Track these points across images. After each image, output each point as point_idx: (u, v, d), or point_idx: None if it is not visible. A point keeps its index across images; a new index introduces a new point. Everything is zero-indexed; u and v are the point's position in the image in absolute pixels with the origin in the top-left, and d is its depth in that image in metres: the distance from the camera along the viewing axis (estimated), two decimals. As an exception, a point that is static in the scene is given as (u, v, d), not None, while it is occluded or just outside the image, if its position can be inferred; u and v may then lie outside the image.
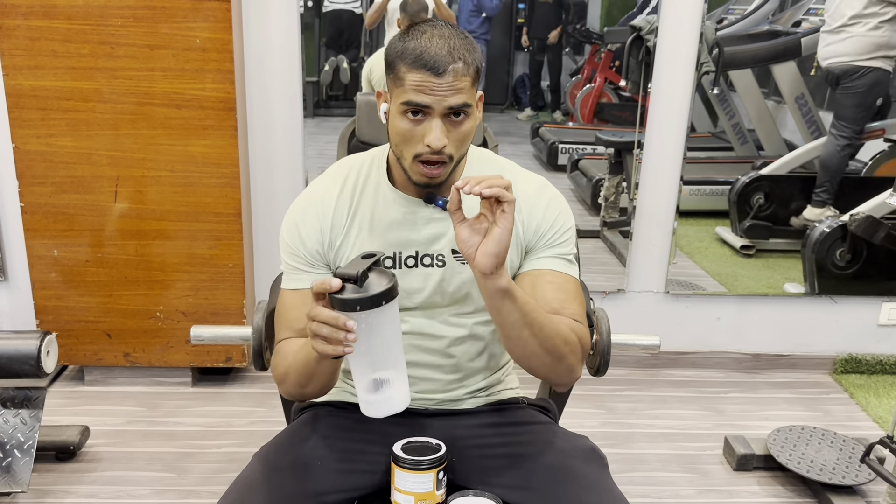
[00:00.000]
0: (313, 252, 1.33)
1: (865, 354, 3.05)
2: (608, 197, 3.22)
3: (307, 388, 1.27)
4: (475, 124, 1.25)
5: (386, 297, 1.06)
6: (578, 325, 1.29)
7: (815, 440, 2.42)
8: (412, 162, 1.23)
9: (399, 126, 1.22)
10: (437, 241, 1.34)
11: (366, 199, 1.34)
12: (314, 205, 1.34)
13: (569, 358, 1.25)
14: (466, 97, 1.20)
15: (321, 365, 1.19)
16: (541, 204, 1.35)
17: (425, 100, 1.18)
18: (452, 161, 1.24)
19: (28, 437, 2.07)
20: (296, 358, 1.25)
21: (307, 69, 2.74)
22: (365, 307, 1.05)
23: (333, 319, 1.05)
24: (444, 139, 1.20)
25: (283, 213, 1.38)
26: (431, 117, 1.19)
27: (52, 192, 2.53)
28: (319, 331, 1.07)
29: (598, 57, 3.53)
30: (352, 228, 1.33)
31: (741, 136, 3.38)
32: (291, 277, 1.34)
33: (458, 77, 1.18)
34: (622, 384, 2.94)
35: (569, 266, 1.35)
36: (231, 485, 1.28)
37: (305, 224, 1.33)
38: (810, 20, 3.17)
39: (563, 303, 1.30)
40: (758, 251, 3.23)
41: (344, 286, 1.06)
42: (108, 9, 2.37)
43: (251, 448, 1.40)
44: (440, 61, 1.16)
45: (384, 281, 1.07)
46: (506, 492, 1.29)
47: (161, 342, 2.70)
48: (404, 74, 1.19)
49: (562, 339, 1.23)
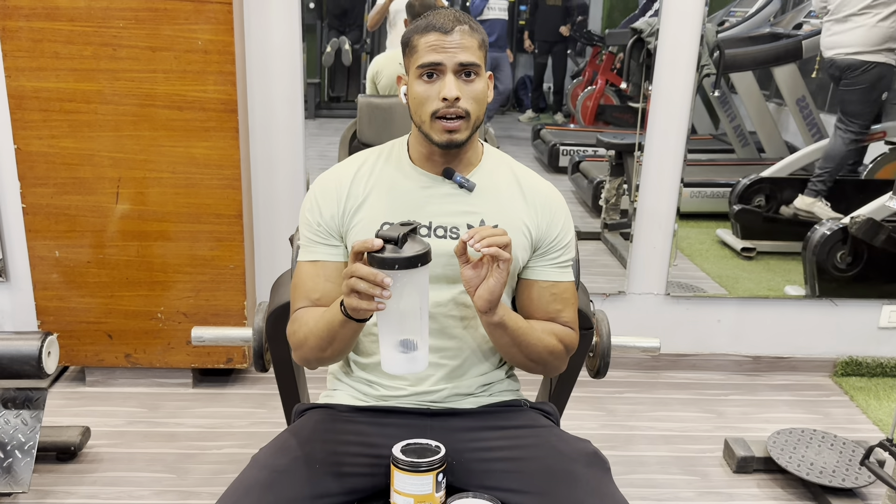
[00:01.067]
0: (329, 220, 1.38)
1: (866, 357, 3.05)
2: (609, 199, 3.22)
3: (326, 352, 1.32)
4: (486, 88, 1.34)
5: (422, 259, 1.13)
6: (568, 331, 1.42)
7: (815, 443, 2.42)
8: (431, 122, 1.31)
9: (416, 91, 1.32)
10: (453, 216, 1.37)
11: (385, 173, 1.40)
12: (333, 178, 1.41)
13: (553, 363, 1.40)
14: (475, 57, 1.30)
15: (345, 328, 1.24)
16: (551, 208, 1.42)
17: (437, 57, 1.28)
18: (470, 118, 1.31)
19: (29, 438, 2.07)
20: (318, 323, 1.30)
21: (308, 70, 2.74)
22: (402, 266, 1.12)
23: (372, 275, 1.12)
24: (458, 91, 1.28)
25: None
26: (444, 75, 1.29)
27: (53, 193, 2.54)
28: (357, 286, 1.13)
29: (599, 59, 3.53)
30: (368, 198, 1.38)
31: (742, 139, 3.38)
32: (307, 250, 1.40)
33: (465, 36, 1.29)
34: (622, 386, 2.94)
35: (568, 273, 1.43)
36: (229, 486, 1.28)
37: (324, 194, 1.40)
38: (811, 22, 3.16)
39: (559, 312, 1.41)
40: (758, 253, 3.23)
41: (383, 248, 1.13)
42: (110, 11, 2.38)
43: (251, 449, 1.40)
44: (448, 23, 1.29)
45: (419, 247, 1.15)
46: (506, 495, 1.29)
47: (162, 343, 2.70)
48: (417, 41, 1.30)
49: (548, 351, 1.36)
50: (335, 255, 1.38)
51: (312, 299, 1.37)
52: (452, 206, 1.38)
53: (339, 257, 1.39)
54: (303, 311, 1.37)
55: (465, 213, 1.37)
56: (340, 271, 1.37)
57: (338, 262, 1.38)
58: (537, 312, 1.41)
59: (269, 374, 1.68)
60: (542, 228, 1.40)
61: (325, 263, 1.38)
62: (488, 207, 1.38)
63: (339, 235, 1.38)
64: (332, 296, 1.35)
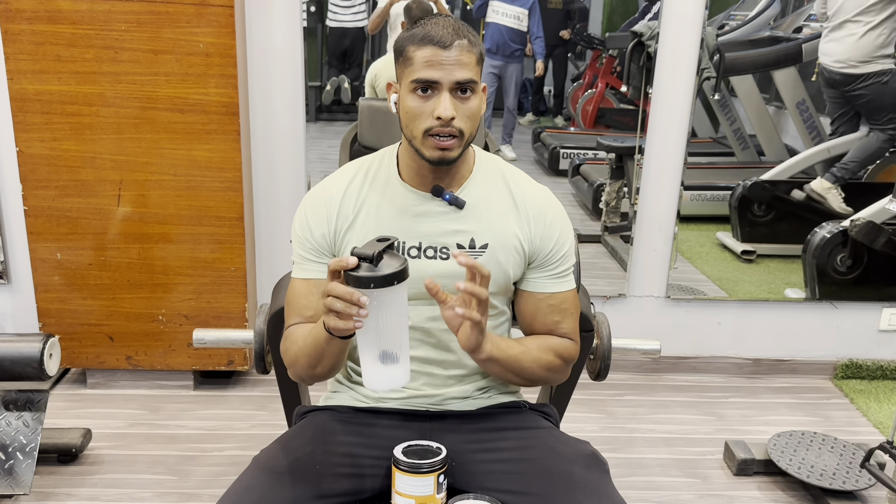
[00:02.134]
0: (320, 239, 1.36)
1: (866, 360, 3.05)
2: (609, 202, 3.23)
3: (317, 369, 1.31)
4: (481, 105, 1.31)
5: (398, 277, 1.12)
6: (567, 343, 1.41)
7: (815, 445, 2.42)
8: (423, 138, 1.27)
9: (409, 105, 1.27)
10: (443, 235, 1.36)
11: (374, 191, 1.37)
12: (323, 196, 1.39)
13: (552, 378, 1.41)
14: (472, 74, 1.26)
15: (330, 345, 1.24)
16: (545, 220, 1.39)
17: (434, 74, 1.24)
18: (463, 137, 1.28)
19: (30, 440, 2.07)
20: (305, 341, 1.29)
21: (309, 74, 2.75)
22: (378, 285, 1.10)
23: (348, 294, 1.11)
24: (453, 111, 1.24)
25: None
26: (440, 92, 1.25)
27: (55, 195, 2.54)
28: (333, 305, 1.12)
29: (599, 62, 3.54)
30: (358, 218, 1.36)
31: (742, 142, 3.39)
32: (300, 267, 1.39)
33: (463, 52, 1.25)
34: (623, 389, 2.94)
35: (567, 283, 1.41)
36: (229, 488, 1.28)
37: (314, 213, 1.37)
38: (811, 26, 3.17)
39: (558, 323, 1.41)
40: (759, 256, 3.24)
41: (359, 265, 1.12)
42: (112, 14, 2.39)
43: (252, 451, 1.41)
44: (447, 37, 1.24)
45: (396, 263, 1.13)
46: (506, 496, 1.29)
47: (163, 345, 2.71)
48: (413, 53, 1.25)
49: (545, 369, 1.37)
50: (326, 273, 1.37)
51: (306, 316, 1.36)
52: (442, 226, 1.35)
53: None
54: (294, 328, 1.37)
55: (455, 233, 1.35)
56: None
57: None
58: (536, 324, 1.41)
59: (269, 376, 1.69)
60: (535, 242, 1.38)
61: (317, 281, 1.36)
62: (479, 225, 1.36)
63: (330, 254, 1.37)
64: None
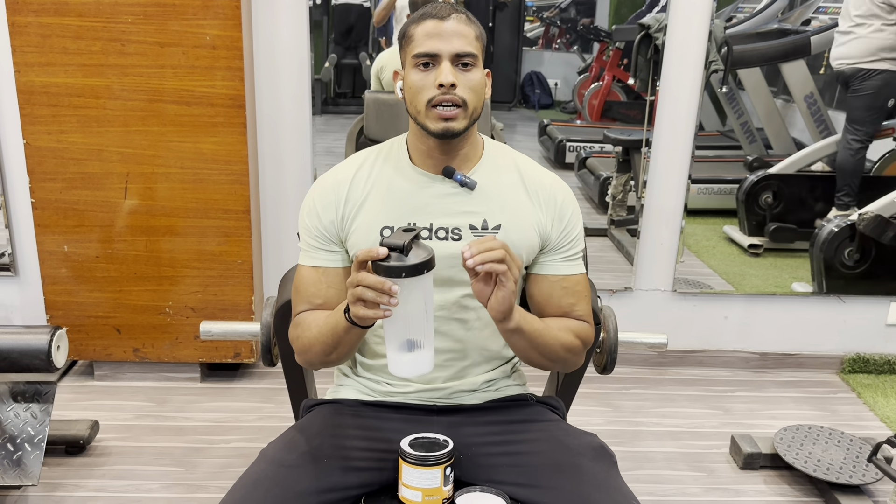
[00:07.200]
0: (328, 226, 1.37)
1: (873, 354, 3.05)
2: (616, 195, 3.22)
3: (331, 356, 1.32)
4: (484, 79, 1.32)
5: (427, 266, 1.14)
6: (584, 325, 1.40)
7: (822, 439, 2.42)
8: (427, 110, 1.28)
9: (412, 80, 1.30)
10: (455, 216, 1.35)
11: (384, 174, 1.38)
12: (331, 182, 1.39)
13: (571, 360, 1.38)
14: (472, 48, 1.28)
15: (349, 334, 1.25)
16: (556, 203, 1.39)
17: (433, 45, 1.27)
18: (467, 108, 1.29)
19: (38, 431, 2.08)
20: (321, 329, 1.29)
21: (316, 67, 2.75)
22: (409, 274, 1.12)
23: (379, 284, 1.11)
24: (454, 78, 1.26)
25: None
26: (440, 64, 1.27)
27: (62, 188, 2.55)
28: (364, 294, 1.13)
29: (606, 55, 3.53)
30: (367, 201, 1.36)
31: (750, 135, 3.37)
32: (308, 254, 1.39)
33: (461, 23, 1.29)
34: (629, 382, 2.94)
35: (579, 266, 1.41)
36: (237, 481, 1.29)
37: (322, 199, 1.38)
38: (819, 19, 3.16)
39: (573, 305, 1.39)
40: (766, 250, 3.23)
41: (388, 255, 1.13)
42: (118, 6, 2.38)
43: (259, 443, 1.41)
44: (444, 11, 1.29)
45: (424, 253, 1.15)
46: (513, 489, 1.29)
47: (170, 338, 2.71)
48: (413, 31, 1.30)
49: (565, 349, 1.35)
50: (336, 261, 1.38)
51: (315, 304, 1.37)
52: (454, 207, 1.35)
53: (339, 263, 1.38)
54: (304, 315, 1.36)
55: (466, 214, 1.35)
56: (341, 277, 1.37)
57: (338, 267, 1.38)
58: (550, 308, 1.39)
59: (276, 368, 1.69)
60: (547, 225, 1.38)
61: (326, 270, 1.37)
62: (491, 206, 1.36)
63: (338, 241, 1.38)
64: (334, 301, 1.35)
